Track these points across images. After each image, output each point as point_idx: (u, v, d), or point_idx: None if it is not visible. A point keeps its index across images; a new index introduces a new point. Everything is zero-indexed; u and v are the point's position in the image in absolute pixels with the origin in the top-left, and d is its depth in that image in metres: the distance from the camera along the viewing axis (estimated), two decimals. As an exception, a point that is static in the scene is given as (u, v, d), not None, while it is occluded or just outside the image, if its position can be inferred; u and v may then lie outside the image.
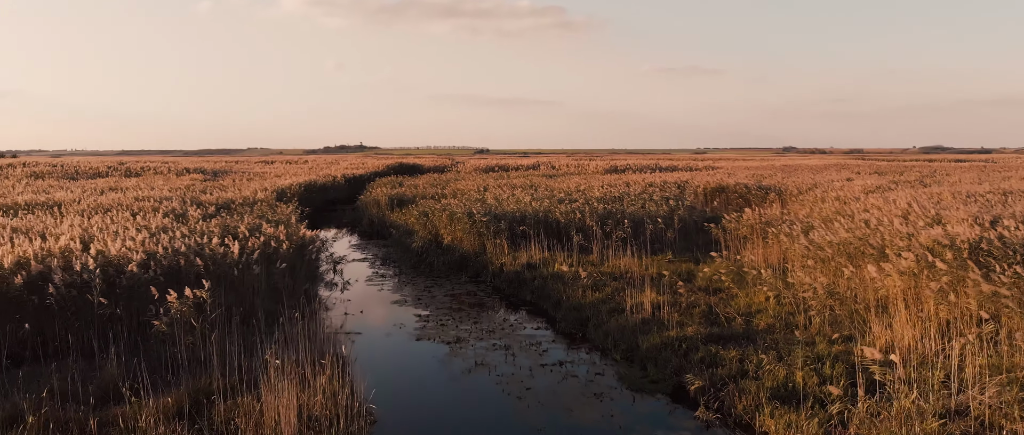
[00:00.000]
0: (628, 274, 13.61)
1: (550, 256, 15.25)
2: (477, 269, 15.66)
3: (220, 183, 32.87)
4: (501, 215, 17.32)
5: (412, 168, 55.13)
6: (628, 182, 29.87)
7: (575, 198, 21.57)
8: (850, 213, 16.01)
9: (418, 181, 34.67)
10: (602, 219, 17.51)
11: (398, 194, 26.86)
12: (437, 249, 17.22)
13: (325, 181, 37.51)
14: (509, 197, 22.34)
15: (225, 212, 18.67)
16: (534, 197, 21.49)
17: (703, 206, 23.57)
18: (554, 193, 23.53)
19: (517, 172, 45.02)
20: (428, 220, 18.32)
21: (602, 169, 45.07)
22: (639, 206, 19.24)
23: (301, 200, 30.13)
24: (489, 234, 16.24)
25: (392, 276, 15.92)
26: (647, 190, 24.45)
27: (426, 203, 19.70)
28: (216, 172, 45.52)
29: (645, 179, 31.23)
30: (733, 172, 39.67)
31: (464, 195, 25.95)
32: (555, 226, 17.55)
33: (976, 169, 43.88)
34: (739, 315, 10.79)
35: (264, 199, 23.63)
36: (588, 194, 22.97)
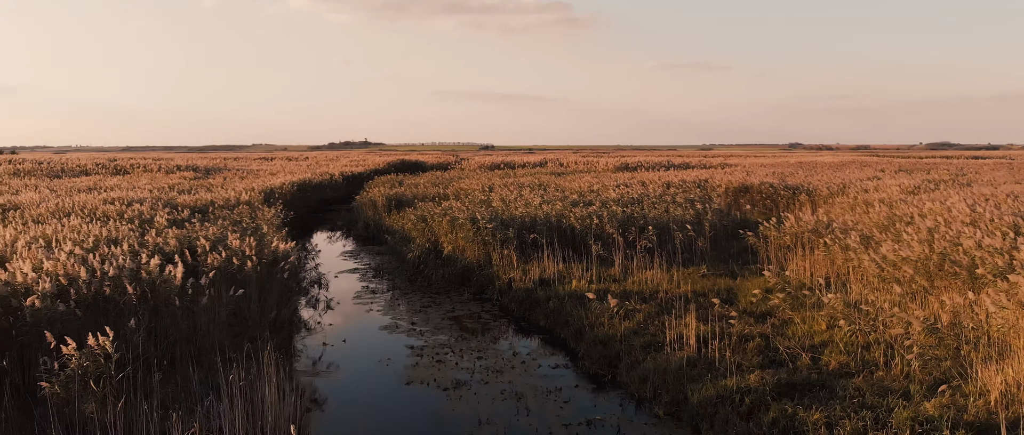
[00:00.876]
0: (658, 293, 11.58)
1: (566, 270, 13.23)
2: (481, 284, 13.64)
3: (209, 182, 30.93)
4: (509, 221, 15.30)
5: (414, 165, 53.07)
6: (644, 181, 27.81)
7: (590, 200, 19.52)
8: (906, 218, 13.94)
9: (419, 180, 32.65)
10: (622, 225, 15.49)
11: (396, 194, 24.86)
12: (436, 259, 15.22)
13: (321, 180, 35.51)
14: (516, 199, 20.31)
15: (199, 217, 16.71)
16: (544, 199, 19.46)
17: (728, 208, 21.50)
18: (566, 194, 21.49)
19: (523, 170, 42.96)
20: (427, 226, 16.30)
21: (613, 166, 42.95)
22: (662, 210, 17.19)
23: (294, 200, 28.18)
24: (495, 243, 14.21)
25: (384, 291, 13.91)
26: (667, 191, 22.38)
27: (425, 206, 17.70)
28: (209, 169, 43.58)
29: (661, 178, 29.16)
30: (752, 170, 37.57)
31: (468, 196, 23.93)
32: (569, 233, 15.53)
33: (1003, 167, 41.64)
34: (803, 350, 8.76)
35: (250, 200, 21.66)
36: (603, 195, 20.92)
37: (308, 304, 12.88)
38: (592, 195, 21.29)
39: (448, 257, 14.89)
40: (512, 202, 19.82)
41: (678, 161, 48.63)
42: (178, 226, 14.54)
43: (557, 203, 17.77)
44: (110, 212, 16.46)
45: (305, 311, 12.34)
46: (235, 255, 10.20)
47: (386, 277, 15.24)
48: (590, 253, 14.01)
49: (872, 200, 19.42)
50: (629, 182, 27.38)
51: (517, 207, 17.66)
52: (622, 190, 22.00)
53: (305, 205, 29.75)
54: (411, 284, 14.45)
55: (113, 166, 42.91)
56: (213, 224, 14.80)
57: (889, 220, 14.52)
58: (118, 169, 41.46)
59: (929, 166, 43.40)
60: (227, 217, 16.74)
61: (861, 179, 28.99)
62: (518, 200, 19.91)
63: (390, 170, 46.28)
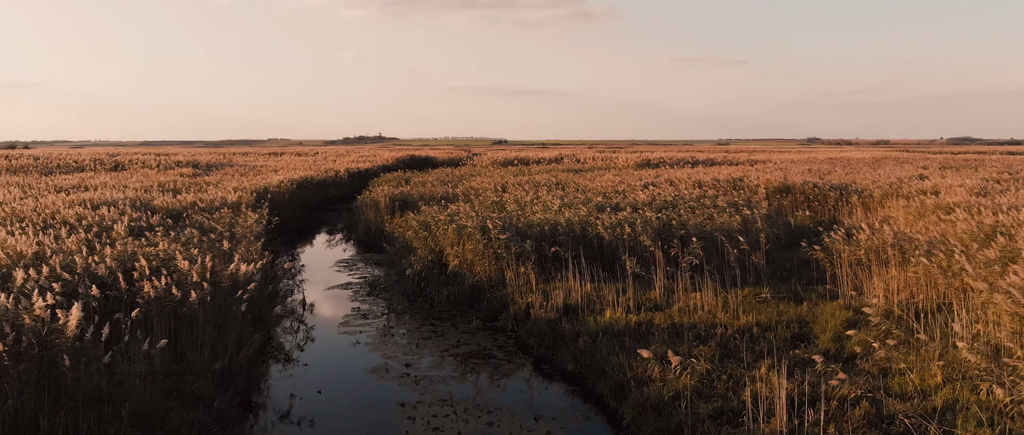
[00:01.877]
0: (715, 327, 9.26)
1: (595, 292, 10.92)
2: (493, 309, 11.34)
3: (204, 180, 28.86)
4: (525, 229, 13.00)
5: (424, 162, 50.80)
6: (672, 180, 25.41)
7: (617, 203, 17.19)
8: (1007, 230, 11.50)
9: (427, 178, 30.40)
10: (660, 236, 13.16)
11: (401, 194, 22.62)
12: (440, 275, 12.95)
13: (324, 177, 33.38)
14: (533, 201, 18.02)
15: (170, 223, 14.55)
16: (565, 202, 17.16)
17: (777, 213, 19.09)
18: (589, 196, 19.17)
19: (538, 166, 40.62)
20: (430, 235, 14.02)
21: (633, 163, 40.47)
22: (704, 216, 14.83)
23: (293, 200, 26.05)
24: (510, 258, 11.91)
25: (378, 315, 11.65)
26: (704, 193, 19.96)
27: (429, 211, 15.39)
28: (211, 165, 41.56)
29: (689, 176, 26.72)
30: (784, 167, 35.02)
31: (479, 196, 21.66)
32: (597, 245, 13.22)
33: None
34: (928, 419, 6.45)
35: (239, 200, 19.51)
36: (631, 197, 18.57)
37: (285, 333, 10.65)
38: (618, 197, 18.94)
39: (454, 273, 12.60)
40: (528, 205, 17.52)
41: (702, 157, 46.05)
42: (139, 235, 12.40)
43: (580, 207, 15.45)
44: (69, 217, 14.36)
45: (282, 342, 10.11)
46: (183, 281, 8.00)
47: (382, 296, 12.98)
48: (623, 270, 11.71)
49: (944, 204, 16.95)
50: (656, 181, 25.00)
51: (534, 211, 15.38)
52: (652, 191, 19.61)
53: (306, 204, 27.63)
54: (410, 306, 12.17)
55: (112, 161, 40.98)
56: (184, 232, 12.63)
57: (980, 229, 12.11)
58: (116, 165, 39.52)
59: (973, 162, 40.64)
60: (203, 223, 14.59)
61: (908, 178, 26.48)
62: (535, 202, 17.61)
63: (398, 166, 44.07)
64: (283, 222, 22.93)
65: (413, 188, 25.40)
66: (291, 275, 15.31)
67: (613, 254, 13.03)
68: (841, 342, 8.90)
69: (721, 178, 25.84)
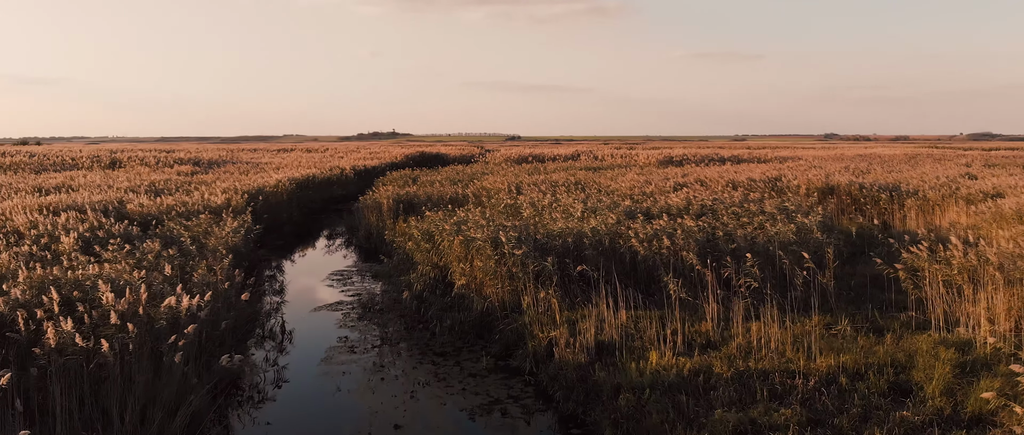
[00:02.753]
0: (793, 375, 7.23)
1: (633, 323, 8.91)
2: (508, 342, 9.34)
3: (200, 179, 27.10)
4: (545, 242, 10.99)
5: (434, 158, 48.82)
6: (702, 180, 23.30)
7: (648, 208, 15.16)
8: None
9: (437, 176, 28.46)
10: (705, 249, 11.14)
11: (406, 196, 20.67)
12: (444, 296, 10.97)
13: (329, 175, 31.53)
14: (552, 204, 16.02)
15: (138, 231, 12.69)
16: (589, 207, 15.15)
17: (832, 218, 16.93)
18: (615, 199, 17.14)
19: (554, 164, 38.56)
20: (433, 247, 12.04)
21: (655, 160, 38.29)
22: (753, 224, 12.76)
23: (293, 200, 24.21)
24: (527, 278, 9.91)
25: (367, 349, 9.67)
26: (745, 195, 17.83)
27: (434, 218, 13.32)
28: (213, 163, 39.86)
29: (721, 175, 24.58)
30: (818, 164, 32.75)
31: (491, 197, 19.69)
32: (629, 259, 11.20)
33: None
34: None
35: (227, 202, 17.66)
36: (662, 200, 16.50)
37: (255, 371, 8.72)
38: (647, 200, 16.89)
39: (461, 296, 10.59)
40: (547, 210, 15.52)
41: (726, 154, 43.76)
42: (91, 249, 10.54)
43: (608, 214, 13.42)
44: (21, 224, 12.54)
45: (244, 389, 8.18)
46: (100, 320, 6.09)
47: (375, 320, 11.01)
48: (663, 291, 9.71)
49: (1017, 208, 14.79)
50: (685, 181, 22.91)
51: (554, 218, 13.39)
52: (685, 194, 17.51)
53: (307, 205, 25.78)
54: (407, 334, 10.19)
55: (110, 159, 39.35)
56: (144, 245, 10.74)
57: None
58: (113, 162, 37.88)
59: (1012, 159, 38.16)
60: (174, 232, 12.72)
61: (956, 176, 24.23)
62: (554, 207, 15.61)
63: (407, 163, 42.14)
64: (277, 226, 21.08)
65: (420, 188, 23.47)
66: (276, 290, 13.42)
67: (650, 272, 11.02)
68: (954, 396, 6.86)
69: (756, 177, 23.69)
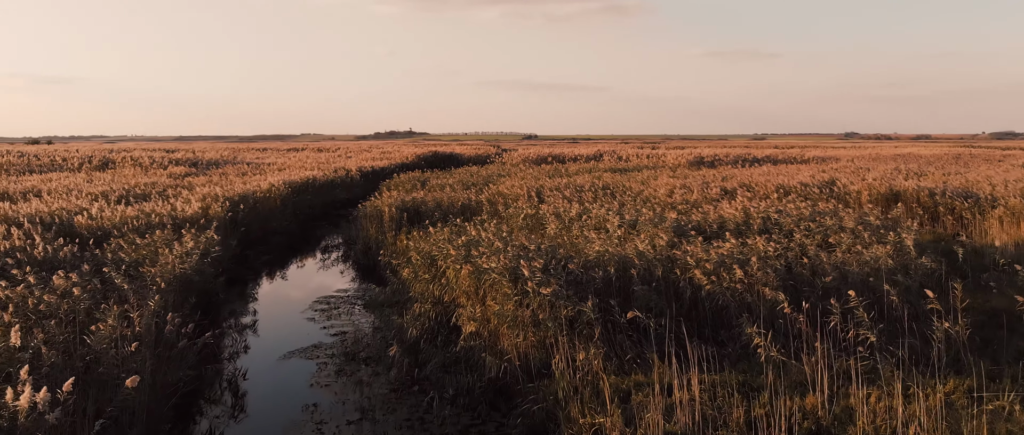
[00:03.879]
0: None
1: (709, 397, 6.28)
2: (534, 424, 6.72)
3: (192, 181, 24.75)
4: (580, 275, 8.37)
5: (447, 159, 46.18)
6: (747, 184, 20.57)
7: (701, 224, 12.49)
8: None
9: (448, 179, 25.88)
10: (787, 281, 8.50)
11: (412, 202, 18.08)
12: (449, 345, 8.36)
13: (333, 177, 29.06)
14: (581, 216, 13.41)
15: (72, 254, 10.23)
16: (626, 220, 12.51)
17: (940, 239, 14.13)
18: (654, 207, 14.46)
19: (576, 165, 35.86)
20: (436, 277, 9.44)
21: (685, 161, 35.43)
22: (842, 247, 10.05)
23: (288, 206, 21.76)
24: (559, 328, 7.29)
25: (340, 427, 7.09)
26: (813, 206, 15.01)
27: (438, 238, 10.65)
28: (212, 163, 37.56)
29: (767, 179, 21.77)
30: (863, 165, 29.83)
31: (508, 205, 17.10)
32: (689, 295, 8.56)
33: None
34: None
35: (204, 211, 15.23)
36: (714, 212, 13.80)
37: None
38: (694, 211, 14.21)
39: (469, 348, 7.97)
40: (575, 222, 12.90)
41: (760, 153, 40.79)
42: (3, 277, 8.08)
43: (656, 232, 10.78)
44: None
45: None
46: None
47: (357, 377, 8.41)
48: (737, 339, 7.10)
49: None
50: (727, 186, 20.18)
51: (587, 236, 10.78)
52: (740, 203, 14.75)
53: (306, 211, 23.32)
54: (397, 403, 7.57)
55: (103, 159, 37.13)
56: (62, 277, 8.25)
57: None
58: (105, 163, 35.66)
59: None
60: (120, 254, 10.24)
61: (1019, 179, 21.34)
62: (585, 220, 12.98)
63: (419, 164, 39.58)
64: (267, 236, 18.61)
65: (429, 193, 20.92)
66: (243, 325, 10.89)
67: (718, 313, 8.38)
68: None
69: (807, 181, 20.90)
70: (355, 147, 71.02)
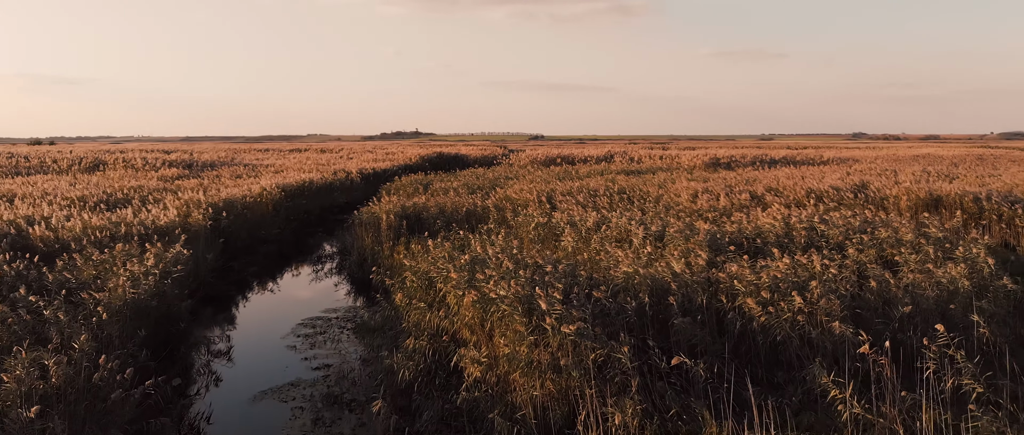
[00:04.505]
0: None
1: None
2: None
3: (179, 184, 23.42)
4: (607, 304, 6.91)
5: (453, 160, 44.71)
6: (774, 188, 19.07)
7: (737, 236, 11.02)
8: None
9: (452, 181, 24.45)
10: (855, 310, 7.04)
11: (413, 208, 16.63)
12: (449, 390, 6.92)
13: (332, 180, 27.66)
14: (601, 228, 11.96)
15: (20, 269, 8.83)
16: (651, 232, 11.05)
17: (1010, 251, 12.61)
18: (680, 216, 12.99)
19: (586, 167, 34.40)
20: (433, 305, 7.99)
21: (701, 163, 33.89)
22: (910, 267, 8.57)
23: (280, 212, 20.39)
24: (586, 375, 5.83)
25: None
26: (858, 216, 13.45)
27: (435, 255, 9.19)
28: (208, 165, 36.21)
29: (796, 182, 20.22)
30: (888, 166, 28.27)
31: (518, 211, 15.68)
32: (737, 329, 7.09)
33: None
34: None
35: (181, 218, 13.84)
36: (749, 223, 12.31)
37: None
38: (725, 220, 12.73)
39: (474, 399, 6.50)
40: (594, 234, 11.47)
41: (777, 154, 39.19)
42: None
43: (690, 246, 9.32)
44: None
45: None
46: None
47: (339, 427, 6.97)
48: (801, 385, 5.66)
49: None
50: (754, 190, 18.70)
51: (609, 252, 9.34)
52: (777, 210, 13.23)
53: (300, 216, 21.95)
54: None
55: (94, 160, 35.78)
56: None
57: None
58: (95, 164, 34.32)
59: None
60: (59, 275, 8.85)
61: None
62: (605, 232, 11.53)
63: (422, 166, 38.14)
64: (256, 245, 17.23)
65: (431, 197, 19.50)
66: (214, 353, 9.47)
67: (772, 349, 6.92)
68: None
69: (837, 185, 19.37)
70: (359, 148, 69.67)
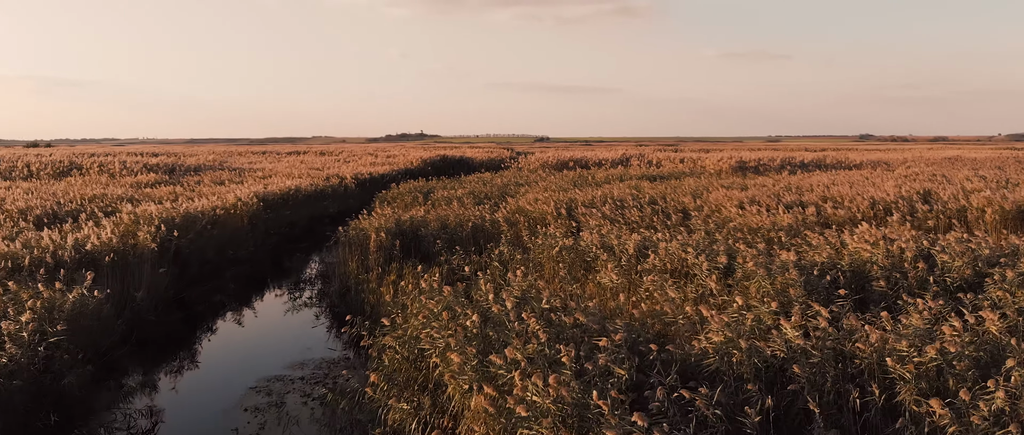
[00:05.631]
0: None
1: None
2: None
3: (146, 193, 20.78)
4: (710, 415, 4.24)
5: (457, 164, 41.87)
6: (830, 197, 16.34)
7: (829, 270, 8.30)
8: None
9: (457, 189, 21.75)
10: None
11: (410, 223, 13.87)
12: None
13: (322, 187, 25.00)
14: (645, 256, 9.25)
15: None
16: (717, 263, 8.35)
17: None
18: (737, 236, 10.27)
19: (602, 171, 31.64)
20: (426, 381, 5.29)
21: (728, 167, 31.09)
22: None
23: (258, 225, 17.77)
24: None
25: None
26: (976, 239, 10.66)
27: (430, 305, 6.48)
28: (191, 169, 33.54)
29: (854, 189, 17.44)
30: (932, 170, 25.51)
31: (533, 226, 12.98)
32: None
33: None
34: None
35: (100, 249, 11.19)
36: (822, 246, 9.59)
37: None
38: (805, 246, 10.01)
39: None
40: (635, 260, 8.77)
41: (807, 158, 36.35)
42: None
43: (782, 285, 6.62)
44: None
45: None
46: None
47: None
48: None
49: None
50: (809, 199, 15.98)
51: (666, 291, 6.66)
52: (869, 234, 10.47)
53: (284, 229, 19.31)
54: None
55: (70, 163, 33.10)
56: None
57: None
58: (68, 168, 31.63)
59: None
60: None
61: None
62: (653, 262, 8.82)
63: (424, 170, 35.39)
64: (225, 267, 14.59)
65: (432, 209, 16.81)
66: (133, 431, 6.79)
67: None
68: None
69: (901, 193, 16.61)
70: (360, 150, 67.00)
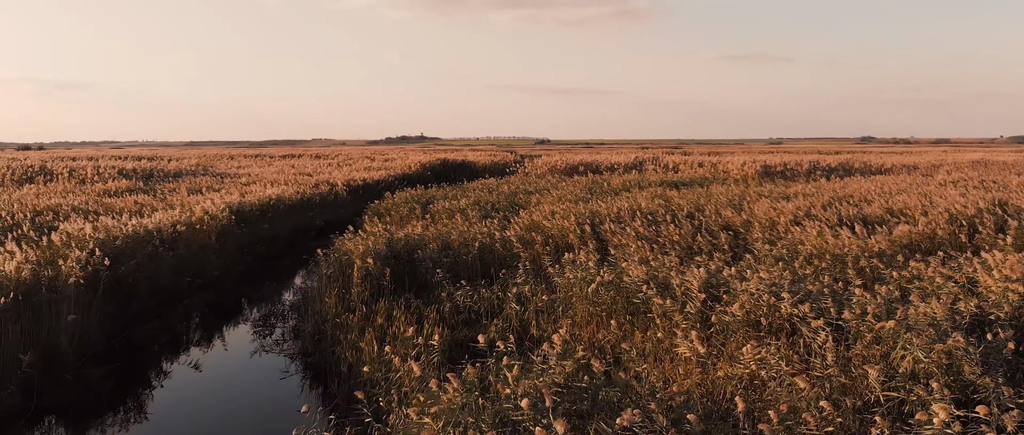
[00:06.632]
0: None
1: None
2: None
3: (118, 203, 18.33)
4: None
5: (459, 168, 39.29)
6: (897, 210, 13.92)
7: (977, 315, 5.86)
8: None
9: (460, 198, 19.30)
10: None
11: (405, 244, 11.40)
12: None
13: (309, 195, 22.54)
14: (717, 299, 6.84)
15: None
16: (828, 314, 5.94)
17: None
18: (818, 263, 7.83)
19: (616, 176, 29.16)
20: None
21: (753, 172, 28.63)
22: None
23: (229, 242, 15.35)
24: None
25: None
26: None
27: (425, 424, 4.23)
28: (172, 174, 31.07)
29: (918, 200, 15.00)
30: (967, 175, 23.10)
31: (554, 246, 10.56)
32: None
33: None
34: None
35: (37, 272, 8.77)
36: (936, 278, 7.16)
37: None
38: (913, 280, 7.59)
39: None
40: (700, 303, 6.35)
41: (833, 161, 33.86)
42: None
43: (948, 355, 4.22)
44: None
45: None
46: None
47: None
48: None
49: None
50: (870, 214, 13.58)
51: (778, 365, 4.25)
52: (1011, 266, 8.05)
53: (259, 246, 16.88)
54: None
55: (40, 168, 30.62)
56: None
57: None
58: (40, 172, 29.14)
59: None
60: None
61: None
62: (726, 305, 6.41)
63: (424, 175, 32.92)
64: (185, 294, 12.15)
65: (432, 224, 14.39)
66: None
67: None
68: None
69: (965, 202, 14.16)
70: (357, 153, 64.50)
